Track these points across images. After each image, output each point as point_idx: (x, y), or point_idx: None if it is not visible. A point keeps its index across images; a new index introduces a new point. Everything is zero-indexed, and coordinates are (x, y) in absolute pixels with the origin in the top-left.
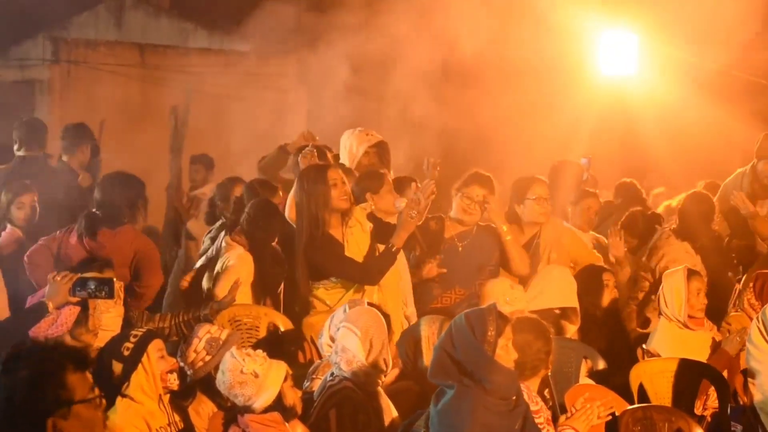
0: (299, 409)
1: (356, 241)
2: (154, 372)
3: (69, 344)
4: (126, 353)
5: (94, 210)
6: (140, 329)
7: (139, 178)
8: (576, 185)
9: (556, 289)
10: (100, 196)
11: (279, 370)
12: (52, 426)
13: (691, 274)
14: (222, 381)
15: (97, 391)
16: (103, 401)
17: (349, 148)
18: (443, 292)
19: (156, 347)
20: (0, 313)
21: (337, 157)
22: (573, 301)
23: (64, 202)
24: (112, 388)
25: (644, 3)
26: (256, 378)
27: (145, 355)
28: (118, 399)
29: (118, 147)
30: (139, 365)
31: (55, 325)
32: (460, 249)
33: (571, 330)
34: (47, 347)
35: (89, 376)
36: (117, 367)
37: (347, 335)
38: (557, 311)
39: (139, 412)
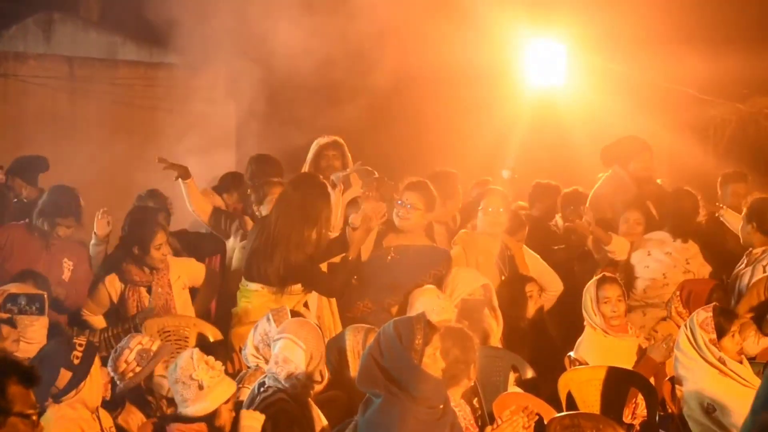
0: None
1: None
2: (99, 382)
3: (21, 359)
4: (76, 362)
5: None
6: (81, 338)
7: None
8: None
9: (462, 278)
10: None
11: (226, 390)
12: None
13: (602, 281)
14: (171, 372)
15: (36, 410)
16: (40, 423)
17: (309, 153)
18: (354, 302)
19: (98, 358)
20: None
21: None
22: (482, 279)
23: None
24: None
25: (572, 14)
26: (200, 390)
27: (93, 365)
28: (53, 407)
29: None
30: (89, 375)
31: None
32: (388, 260)
33: (496, 332)
34: None
35: (32, 395)
36: (65, 375)
37: (290, 347)
38: (481, 297)
39: (74, 420)
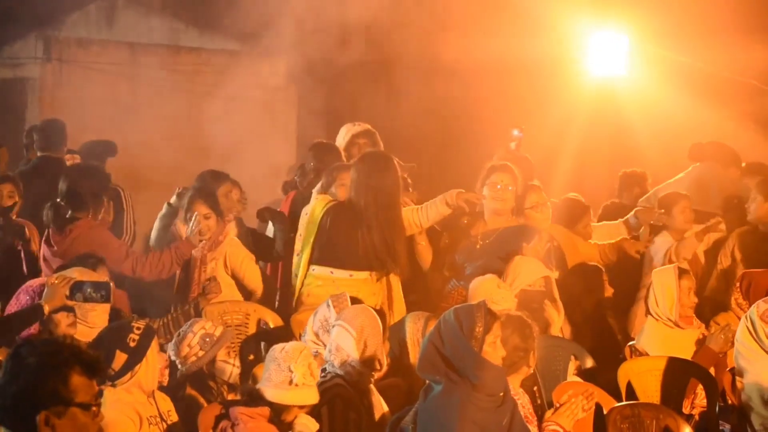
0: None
1: None
2: (155, 365)
3: (84, 347)
4: (132, 345)
5: (58, 200)
6: (140, 322)
7: (104, 171)
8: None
9: (524, 269)
10: (65, 186)
11: (308, 396)
12: (45, 419)
13: (681, 272)
14: (277, 351)
15: (98, 401)
16: (101, 413)
17: (338, 140)
18: (452, 290)
19: (156, 342)
20: None
21: None
22: (544, 271)
23: None
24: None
25: (634, 4)
26: (289, 383)
27: (150, 348)
28: (108, 391)
29: None
30: (144, 358)
31: None
32: (477, 246)
33: (557, 322)
34: (62, 343)
35: (95, 385)
36: (121, 357)
37: (342, 335)
38: (541, 289)
39: (129, 404)
